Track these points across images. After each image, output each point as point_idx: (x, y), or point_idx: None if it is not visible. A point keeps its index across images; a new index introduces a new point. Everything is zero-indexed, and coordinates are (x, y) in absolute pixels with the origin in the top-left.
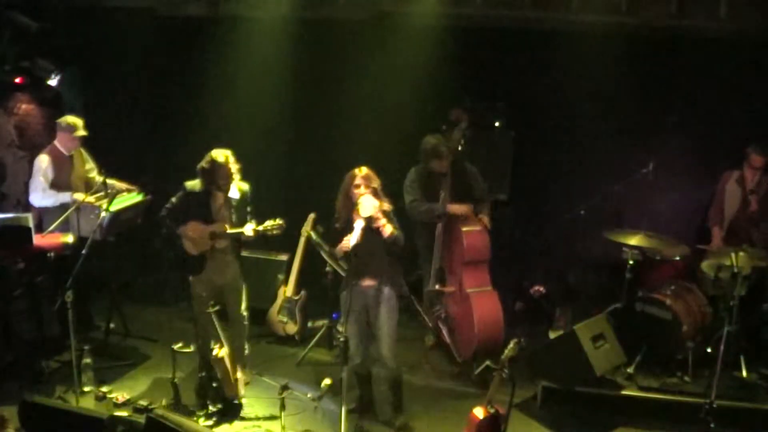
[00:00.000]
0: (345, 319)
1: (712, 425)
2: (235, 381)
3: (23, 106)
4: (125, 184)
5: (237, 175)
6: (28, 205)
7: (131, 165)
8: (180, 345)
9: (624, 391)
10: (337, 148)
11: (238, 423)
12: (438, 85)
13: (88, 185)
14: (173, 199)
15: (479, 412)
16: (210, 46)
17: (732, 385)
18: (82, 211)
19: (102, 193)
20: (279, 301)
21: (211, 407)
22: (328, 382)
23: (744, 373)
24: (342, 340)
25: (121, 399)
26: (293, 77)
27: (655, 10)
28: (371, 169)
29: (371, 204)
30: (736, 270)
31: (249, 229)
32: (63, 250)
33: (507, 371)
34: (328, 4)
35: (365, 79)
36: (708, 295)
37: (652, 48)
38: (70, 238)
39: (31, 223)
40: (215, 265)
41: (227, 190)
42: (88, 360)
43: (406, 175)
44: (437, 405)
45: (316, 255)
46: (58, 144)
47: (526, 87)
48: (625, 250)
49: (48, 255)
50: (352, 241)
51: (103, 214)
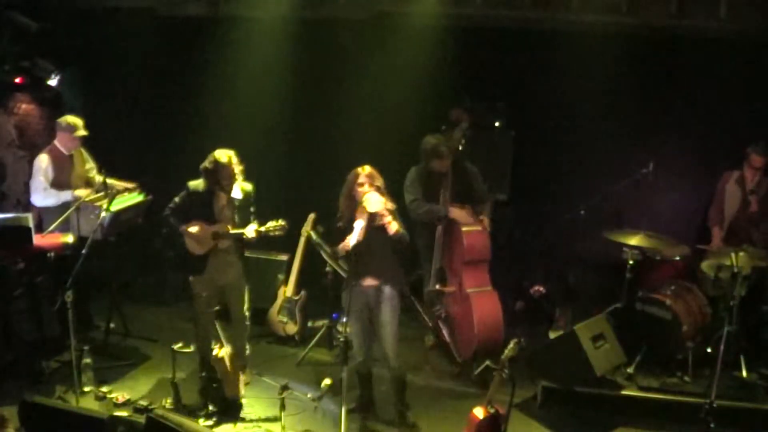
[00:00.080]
0: (346, 319)
1: (712, 425)
2: (236, 381)
3: (23, 106)
4: (124, 184)
5: (240, 176)
6: (28, 205)
7: (131, 165)
8: (180, 345)
9: (624, 391)
10: (337, 148)
11: (238, 423)
12: (438, 85)
13: (89, 185)
14: (176, 199)
15: (479, 412)
16: (210, 46)
17: (732, 385)
18: (83, 211)
19: (102, 193)
20: (279, 301)
21: (211, 407)
22: (328, 382)
23: (744, 373)
24: (342, 340)
25: (121, 399)
26: (293, 77)
27: (655, 10)
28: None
29: (378, 199)
30: (736, 270)
31: (251, 230)
32: (63, 250)
33: (507, 371)
34: (328, 4)
35: (365, 79)
36: (708, 295)
37: (652, 48)
38: (70, 238)
39: (31, 223)
40: (217, 265)
41: (230, 191)
42: (88, 360)
43: (405, 175)
44: (437, 405)
45: (316, 255)
46: (58, 144)
47: (526, 87)
48: (625, 250)
49: (48, 255)
50: (352, 241)
51: (103, 214)
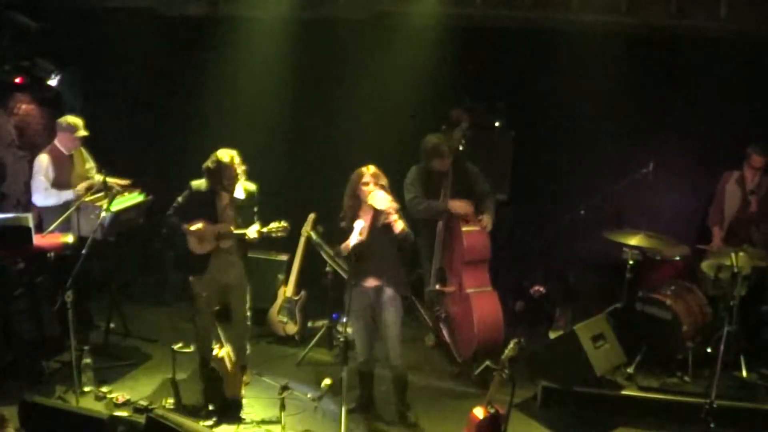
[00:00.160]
0: (346, 319)
1: (712, 425)
2: (236, 381)
3: (23, 106)
4: (120, 181)
5: (242, 176)
6: (28, 205)
7: (131, 165)
8: (180, 345)
9: (624, 391)
10: (338, 148)
11: (238, 423)
12: (438, 85)
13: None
14: (179, 199)
15: (479, 412)
16: (210, 46)
17: (732, 385)
18: (83, 211)
19: (102, 193)
20: (279, 301)
21: (211, 407)
22: (328, 382)
23: (744, 373)
24: (342, 340)
25: (121, 399)
26: (293, 77)
27: (655, 10)
28: None
29: (385, 197)
30: (736, 270)
31: (253, 230)
32: (63, 250)
33: (507, 371)
34: (328, 4)
35: (365, 79)
36: (708, 295)
37: (652, 48)
38: (70, 238)
39: (31, 223)
40: (219, 265)
41: (232, 191)
42: (88, 360)
43: (406, 175)
44: (437, 405)
45: (316, 255)
46: (58, 144)
47: (526, 87)
48: (625, 250)
49: (48, 255)
50: (352, 241)
51: (103, 214)
